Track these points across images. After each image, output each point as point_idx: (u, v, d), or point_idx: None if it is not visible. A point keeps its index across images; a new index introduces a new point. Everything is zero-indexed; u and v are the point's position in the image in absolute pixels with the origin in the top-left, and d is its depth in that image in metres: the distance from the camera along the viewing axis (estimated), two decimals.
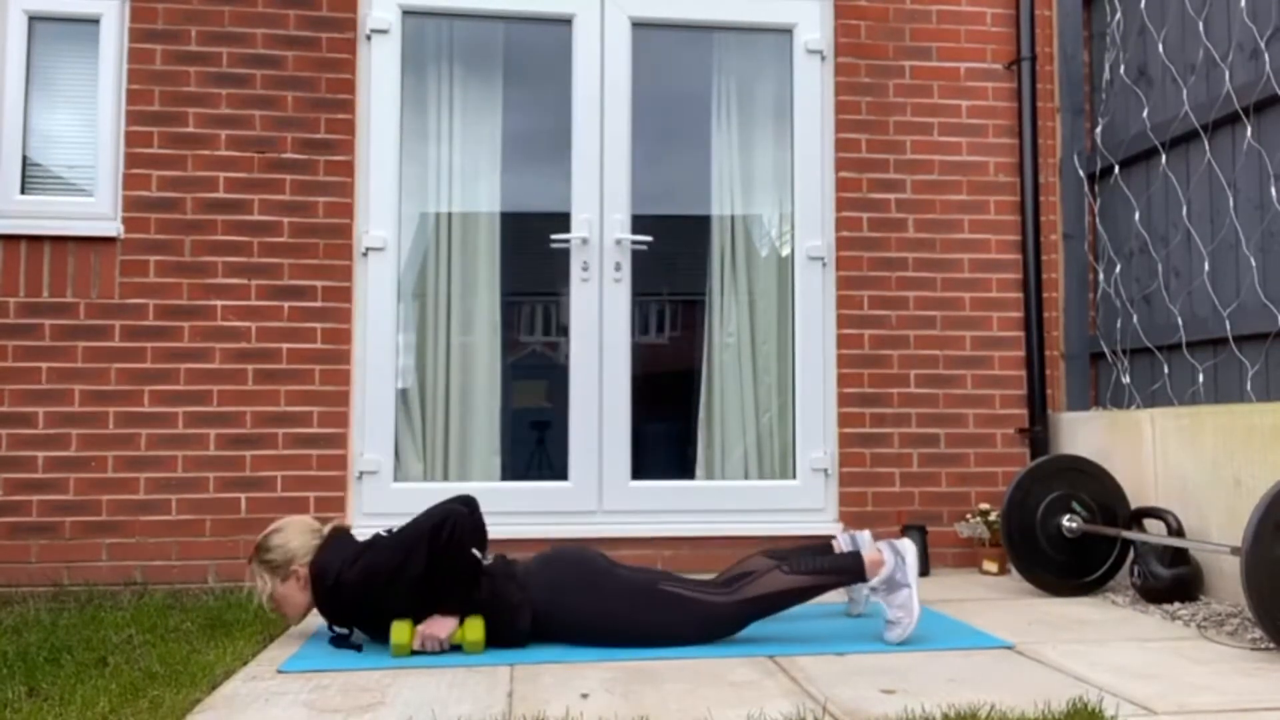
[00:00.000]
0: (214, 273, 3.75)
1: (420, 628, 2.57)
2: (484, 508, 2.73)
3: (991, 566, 3.83)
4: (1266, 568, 2.48)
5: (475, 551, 2.61)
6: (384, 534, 2.71)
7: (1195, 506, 3.28)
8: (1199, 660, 2.53)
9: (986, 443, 4.06)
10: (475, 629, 2.58)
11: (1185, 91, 3.69)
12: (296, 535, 2.73)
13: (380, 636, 2.64)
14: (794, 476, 4.05)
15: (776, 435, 4.12)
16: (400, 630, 2.55)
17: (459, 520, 2.56)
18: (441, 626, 2.58)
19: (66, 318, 3.67)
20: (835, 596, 3.38)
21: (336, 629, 2.69)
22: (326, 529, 2.80)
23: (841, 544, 2.96)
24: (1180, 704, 2.15)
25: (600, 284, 3.96)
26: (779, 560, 2.76)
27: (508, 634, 2.64)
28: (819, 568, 2.71)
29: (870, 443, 4.01)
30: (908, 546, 2.73)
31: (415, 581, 2.54)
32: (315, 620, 3.02)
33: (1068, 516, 3.41)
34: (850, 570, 2.73)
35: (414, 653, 2.56)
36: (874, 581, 2.71)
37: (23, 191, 3.74)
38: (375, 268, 3.88)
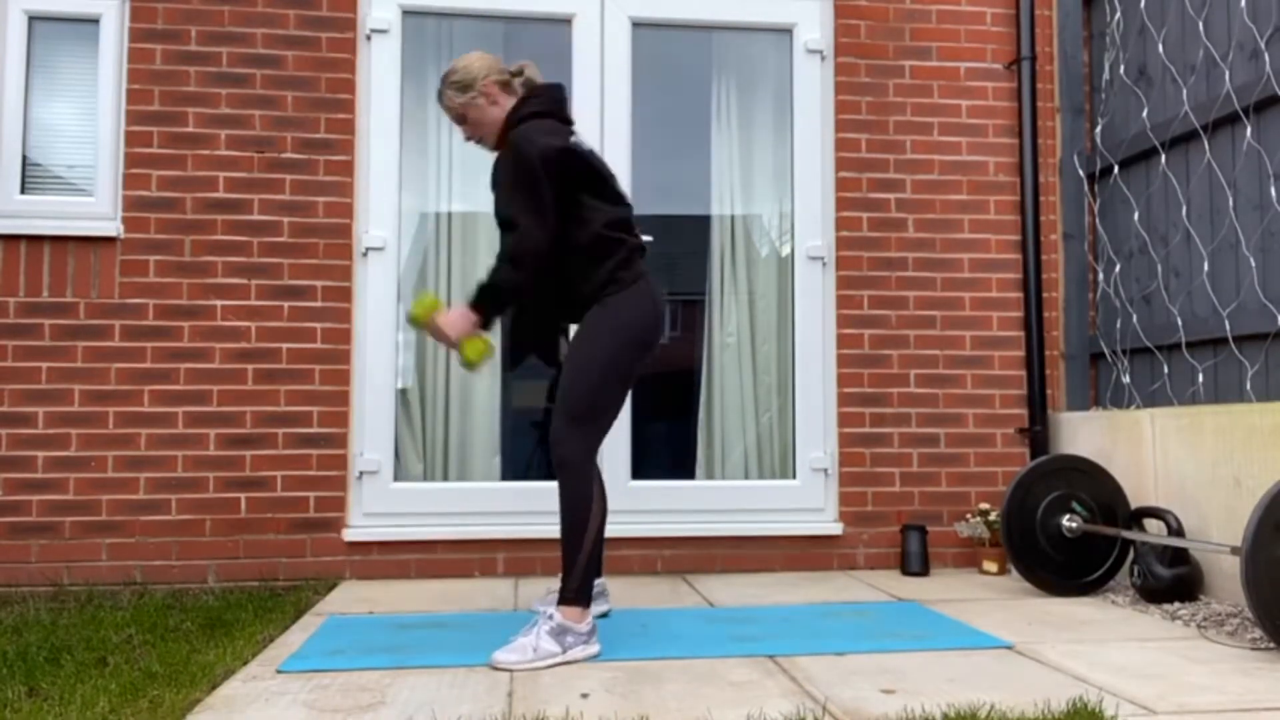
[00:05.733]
0: (214, 273, 3.76)
1: (439, 319, 2.63)
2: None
3: (991, 566, 3.83)
4: (1266, 568, 2.48)
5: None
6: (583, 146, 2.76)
7: (1195, 506, 3.28)
8: (1199, 660, 2.53)
9: (986, 443, 4.07)
10: (474, 348, 2.65)
11: (1185, 91, 3.69)
12: (476, 60, 2.82)
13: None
14: (794, 476, 4.05)
15: (776, 435, 4.12)
16: (422, 304, 2.62)
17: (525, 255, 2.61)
18: (457, 323, 2.63)
19: (66, 318, 3.67)
20: (840, 595, 3.38)
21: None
22: (517, 68, 2.87)
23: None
24: (1180, 704, 2.15)
25: None
26: None
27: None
28: None
29: (870, 442, 4.01)
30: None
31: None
32: (317, 619, 3.02)
33: (1068, 516, 3.41)
34: None
35: (424, 325, 2.64)
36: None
37: (23, 191, 3.74)
38: (375, 267, 3.88)
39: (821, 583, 3.66)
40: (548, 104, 2.79)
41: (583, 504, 2.62)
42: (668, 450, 4.11)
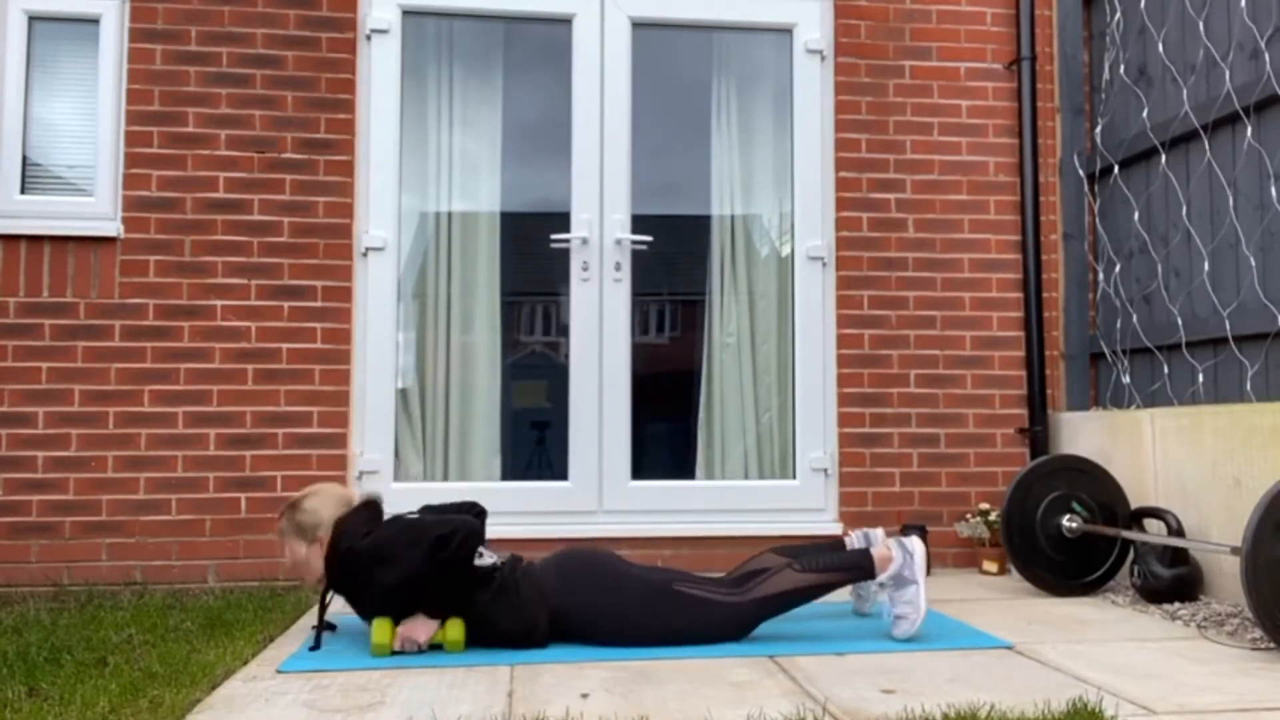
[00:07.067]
0: (214, 273, 3.76)
1: (400, 628, 2.57)
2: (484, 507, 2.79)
3: (991, 566, 3.83)
4: (1266, 568, 2.48)
5: (480, 552, 2.62)
6: (409, 515, 2.72)
7: (1195, 506, 3.28)
8: (1199, 660, 2.53)
9: (986, 443, 4.07)
10: (456, 628, 2.57)
11: (1185, 91, 3.69)
12: (328, 504, 2.74)
13: (371, 618, 2.64)
14: (794, 476, 4.05)
15: (776, 435, 4.12)
16: (381, 629, 2.54)
17: (468, 537, 2.55)
18: (421, 629, 2.57)
19: (66, 318, 3.67)
20: (840, 595, 3.38)
21: (319, 627, 2.71)
22: (357, 500, 2.81)
23: (853, 541, 2.97)
24: (1180, 704, 2.15)
25: (600, 284, 3.96)
26: (790, 557, 2.77)
27: (524, 632, 2.63)
28: (830, 565, 2.72)
29: (870, 443, 4.01)
30: (916, 544, 2.75)
31: (414, 577, 2.54)
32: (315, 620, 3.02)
33: (1068, 516, 3.41)
34: (860, 566, 2.74)
35: (394, 653, 2.55)
36: (882, 578, 2.74)
37: (23, 191, 3.74)
38: (375, 267, 3.88)
39: None
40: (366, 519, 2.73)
41: None
42: (668, 450, 4.11)
